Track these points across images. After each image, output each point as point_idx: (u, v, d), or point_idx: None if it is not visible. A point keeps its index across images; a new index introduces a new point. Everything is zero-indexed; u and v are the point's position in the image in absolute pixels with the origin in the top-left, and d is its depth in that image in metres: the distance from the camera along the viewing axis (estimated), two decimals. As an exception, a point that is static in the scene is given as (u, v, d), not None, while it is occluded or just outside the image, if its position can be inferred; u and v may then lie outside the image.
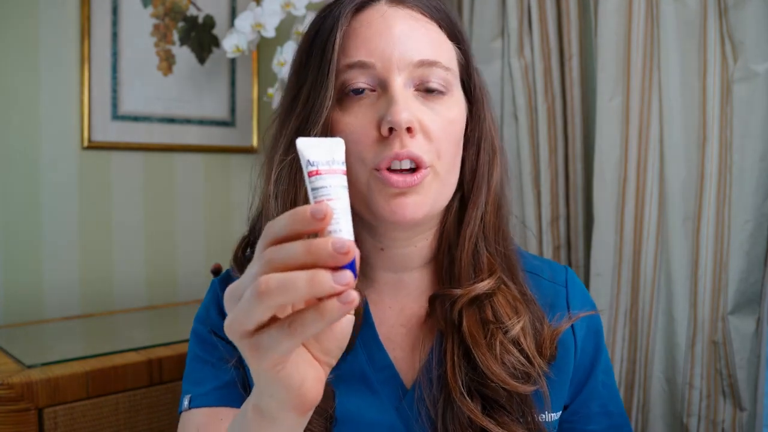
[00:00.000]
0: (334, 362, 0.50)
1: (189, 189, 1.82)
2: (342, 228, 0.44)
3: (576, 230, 1.56)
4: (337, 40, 0.66)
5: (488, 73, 1.66)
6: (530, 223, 1.59)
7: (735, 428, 1.29)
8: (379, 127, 0.65)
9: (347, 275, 0.41)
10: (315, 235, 0.44)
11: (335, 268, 0.41)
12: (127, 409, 1.16)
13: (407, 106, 0.64)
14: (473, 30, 1.68)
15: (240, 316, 0.43)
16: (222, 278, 0.81)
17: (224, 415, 0.72)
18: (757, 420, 1.27)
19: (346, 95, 0.67)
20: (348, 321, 0.49)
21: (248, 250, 0.77)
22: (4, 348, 1.24)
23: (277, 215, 0.68)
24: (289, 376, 0.46)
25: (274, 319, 0.43)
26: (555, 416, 0.73)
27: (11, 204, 1.54)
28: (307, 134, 0.67)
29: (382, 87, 0.66)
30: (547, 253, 1.57)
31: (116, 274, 1.69)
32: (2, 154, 1.52)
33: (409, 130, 0.64)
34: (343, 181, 0.46)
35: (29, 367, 1.12)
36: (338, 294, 0.41)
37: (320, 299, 0.42)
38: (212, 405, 0.72)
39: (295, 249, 0.41)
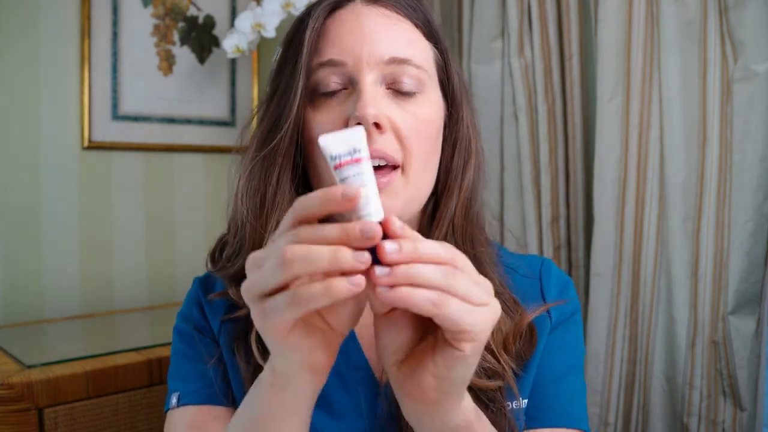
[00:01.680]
0: (346, 331, 0.51)
1: (189, 189, 1.82)
2: (371, 212, 0.47)
3: (576, 230, 1.56)
4: (307, 40, 0.67)
5: (488, 73, 1.66)
6: (530, 223, 1.59)
7: (735, 428, 1.29)
8: (347, 124, 0.64)
9: (366, 255, 0.44)
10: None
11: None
12: (127, 409, 1.16)
13: (375, 102, 0.64)
14: (473, 30, 1.68)
15: (259, 280, 0.46)
16: (202, 277, 0.81)
17: (218, 413, 0.71)
18: (757, 420, 1.27)
19: (319, 94, 0.68)
20: (365, 297, 0.49)
21: (225, 249, 0.77)
22: (4, 348, 1.24)
23: (247, 212, 0.69)
24: (295, 342, 0.48)
25: (284, 288, 0.46)
26: (526, 402, 0.72)
27: (11, 204, 1.54)
28: (278, 132, 0.68)
29: (352, 85, 0.66)
30: (547, 253, 1.57)
31: (116, 274, 1.69)
32: (2, 154, 1.52)
33: (377, 126, 0.64)
34: (366, 167, 0.48)
35: (29, 367, 1.12)
36: (358, 272, 0.43)
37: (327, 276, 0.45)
38: (202, 403, 0.72)
39: (330, 230, 0.44)
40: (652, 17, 1.37)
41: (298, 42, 0.69)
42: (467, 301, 0.46)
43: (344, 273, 0.44)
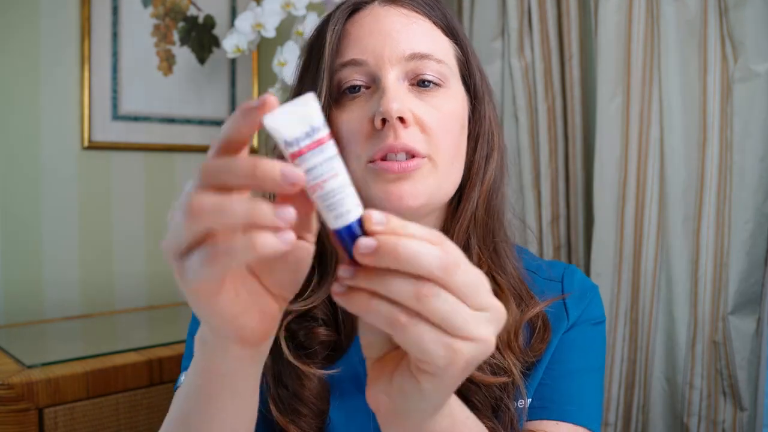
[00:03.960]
0: (289, 296, 0.45)
1: (189, 189, 1.81)
2: (350, 207, 0.38)
3: (576, 230, 1.56)
4: (328, 43, 0.68)
5: (488, 73, 1.65)
6: (530, 223, 1.59)
7: (735, 428, 1.29)
8: (373, 121, 0.65)
9: (290, 211, 0.36)
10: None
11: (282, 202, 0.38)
12: (127, 409, 1.16)
13: (398, 97, 0.64)
14: (473, 30, 1.68)
15: (170, 235, 0.40)
16: None
17: None
18: (757, 420, 1.27)
19: (343, 94, 0.68)
20: (306, 252, 0.43)
21: None
22: (4, 348, 1.24)
23: None
24: (219, 304, 0.41)
25: (204, 241, 0.39)
26: (530, 402, 0.71)
27: (11, 204, 1.54)
28: None
29: (375, 83, 0.67)
30: (547, 253, 1.57)
31: (116, 274, 1.69)
32: (2, 154, 1.52)
33: (402, 120, 0.64)
34: (331, 150, 0.38)
35: (29, 367, 1.12)
36: (280, 228, 0.36)
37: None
38: None
39: (240, 166, 0.37)
40: (652, 17, 1.37)
41: (319, 46, 0.70)
42: (442, 328, 0.39)
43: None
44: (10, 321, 1.52)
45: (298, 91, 0.73)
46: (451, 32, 0.73)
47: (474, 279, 0.40)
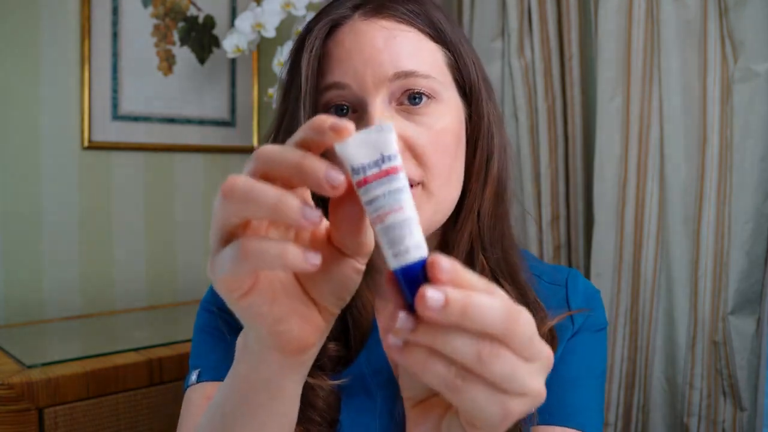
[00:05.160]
0: (334, 310, 0.44)
1: (189, 189, 1.82)
2: (409, 245, 0.36)
3: (576, 230, 1.56)
4: (305, 66, 0.65)
5: (488, 73, 1.65)
6: (530, 223, 1.59)
7: (735, 428, 1.29)
8: None
9: (315, 213, 0.35)
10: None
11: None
12: (127, 409, 1.16)
13: None
14: (473, 30, 1.68)
15: (212, 222, 0.40)
16: None
17: None
18: (757, 420, 1.27)
19: (329, 112, 0.66)
20: (352, 270, 0.42)
21: None
22: (4, 348, 1.24)
23: None
24: (256, 306, 0.40)
25: (238, 234, 0.39)
26: None
27: (11, 204, 1.54)
28: None
29: (361, 108, 0.65)
30: (547, 253, 1.57)
31: (116, 274, 1.69)
32: (2, 154, 1.52)
33: None
34: (401, 181, 0.37)
35: (29, 367, 1.12)
36: (302, 227, 0.36)
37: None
38: (222, 379, 0.71)
39: (290, 155, 0.37)
40: (652, 17, 1.37)
41: (299, 68, 0.67)
42: (498, 388, 0.37)
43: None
44: (10, 321, 1.52)
45: (282, 112, 0.70)
46: (440, 38, 0.69)
47: (530, 328, 0.38)
